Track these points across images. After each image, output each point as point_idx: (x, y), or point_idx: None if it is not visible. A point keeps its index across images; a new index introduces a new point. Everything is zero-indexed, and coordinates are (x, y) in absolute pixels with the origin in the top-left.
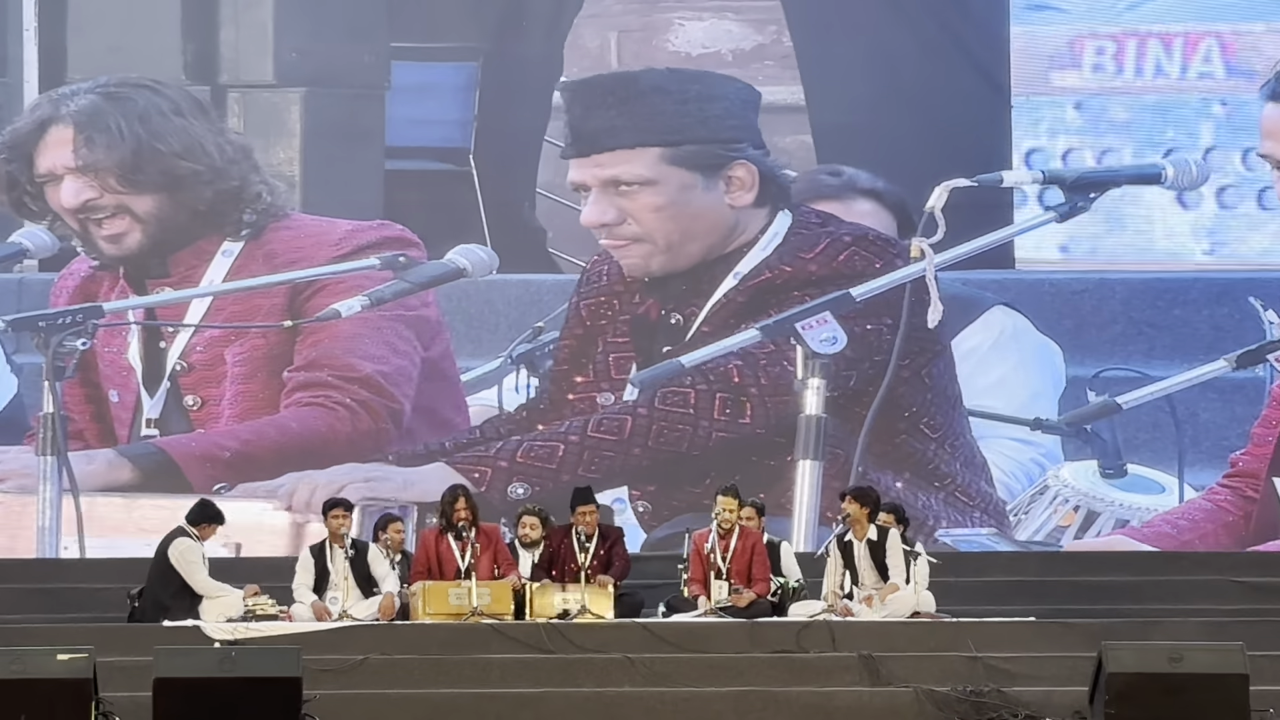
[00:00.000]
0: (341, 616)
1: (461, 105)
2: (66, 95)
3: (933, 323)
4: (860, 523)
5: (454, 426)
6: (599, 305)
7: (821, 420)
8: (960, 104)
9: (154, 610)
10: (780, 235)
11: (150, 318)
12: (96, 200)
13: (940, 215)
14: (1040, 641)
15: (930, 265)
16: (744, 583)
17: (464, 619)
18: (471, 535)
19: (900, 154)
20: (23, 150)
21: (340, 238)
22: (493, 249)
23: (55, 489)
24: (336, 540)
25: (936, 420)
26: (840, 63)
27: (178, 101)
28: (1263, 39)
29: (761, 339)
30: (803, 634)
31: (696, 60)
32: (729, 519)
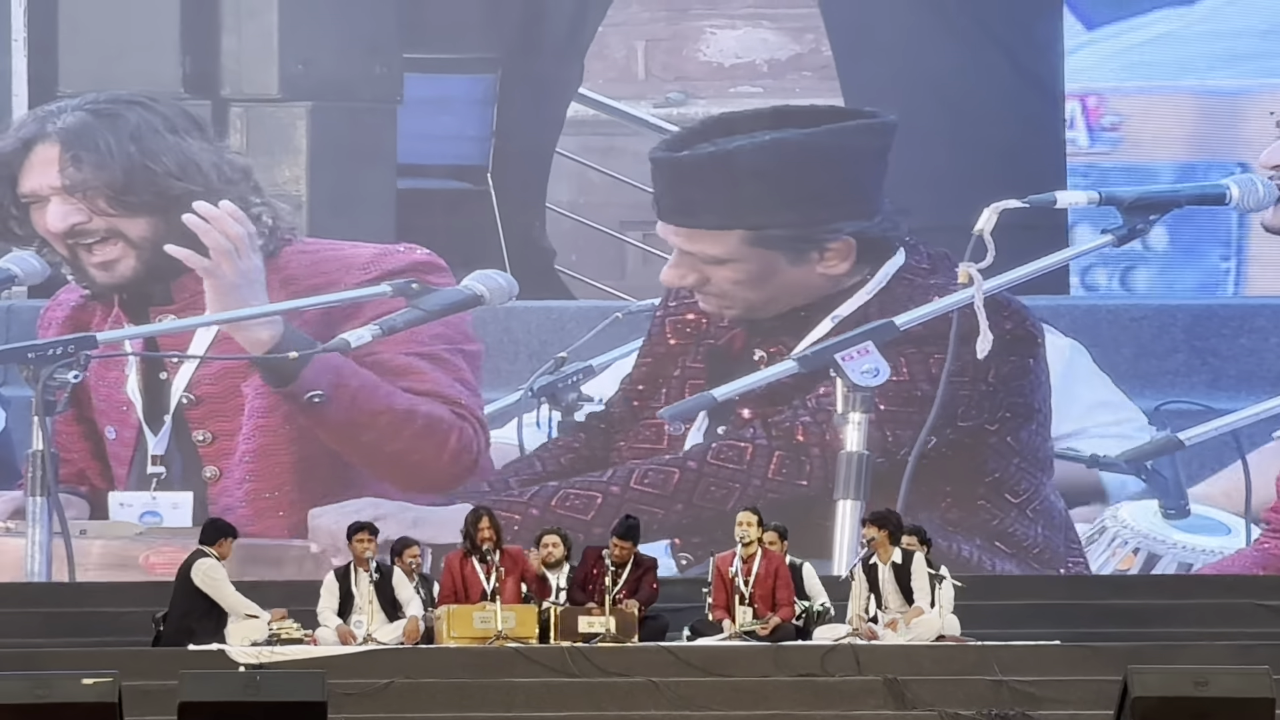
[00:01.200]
0: (366, 640)
1: (479, 120)
2: (54, 113)
3: (982, 353)
4: (884, 546)
5: None
6: (684, 324)
7: (863, 457)
8: (1011, 119)
9: (179, 634)
10: (888, 277)
11: (152, 347)
12: (85, 224)
13: (989, 238)
14: (1065, 665)
15: (979, 292)
16: (768, 606)
17: (489, 642)
18: (496, 558)
19: (947, 172)
20: (6, 171)
21: (368, 261)
22: (512, 274)
23: (45, 531)
24: (361, 564)
25: (1021, 486)
26: (883, 74)
27: (172, 118)
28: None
29: (800, 370)
30: (827, 657)
31: (729, 71)
32: (749, 534)
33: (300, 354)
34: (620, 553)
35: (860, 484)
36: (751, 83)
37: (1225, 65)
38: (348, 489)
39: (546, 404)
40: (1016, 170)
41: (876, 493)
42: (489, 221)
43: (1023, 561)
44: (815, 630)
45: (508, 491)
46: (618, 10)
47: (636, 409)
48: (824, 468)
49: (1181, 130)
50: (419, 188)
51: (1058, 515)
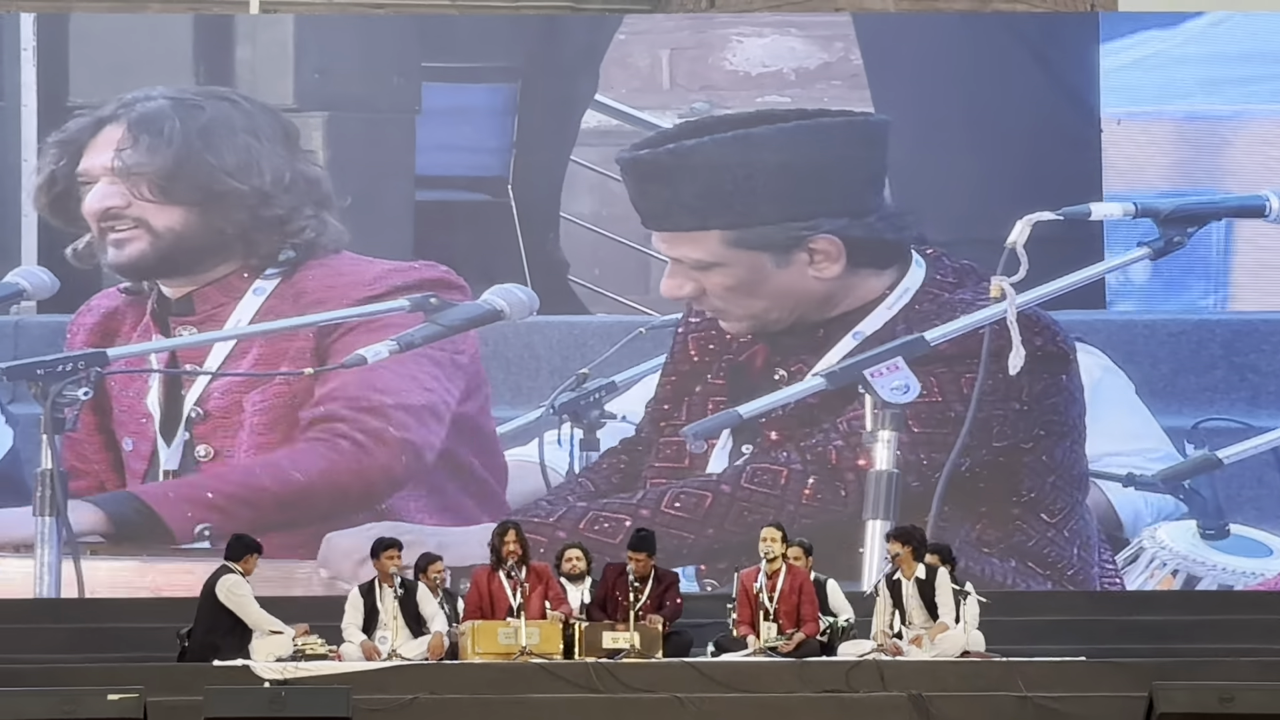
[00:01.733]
0: (391, 656)
1: (499, 130)
2: (140, 98)
3: (1014, 369)
4: (907, 562)
5: (489, 487)
6: (707, 340)
7: (893, 476)
8: (1045, 130)
9: (204, 650)
10: (912, 291)
11: (175, 360)
12: (121, 209)
13: (1023, 251)
14: (1090, 681)
15: (1011, 306)
16: (792, 623)
17: (513, 658)
18: (522, 574)
19: (980, 184)
20: (73, 147)
21: (374, 278)
22: (533, 288)
23: (54, 552)
24: (386, 580)
25: (1057, 505)
26: (915, 83)
27: (256, 120)
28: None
29: (828, 387)
30: (852, 673)
31: (756, 80)
32: (773, 550)
33: (316, 371)
34: (639, 566)
35: (890, 503)
36: (779, 92)
37: (1208, 91)
38: (345, 508)
39: (568, 421)
40: (1050, 182)
41: (908, 514)
42: (509, 234)
43: (1057, 584)
44: (840, 646)
45: (534, 513)
46: (641, 18)
47: (661, 429)
48: (859, 491)
49: (1165, 157)
50: (437, 200)
51: (1093, 536)
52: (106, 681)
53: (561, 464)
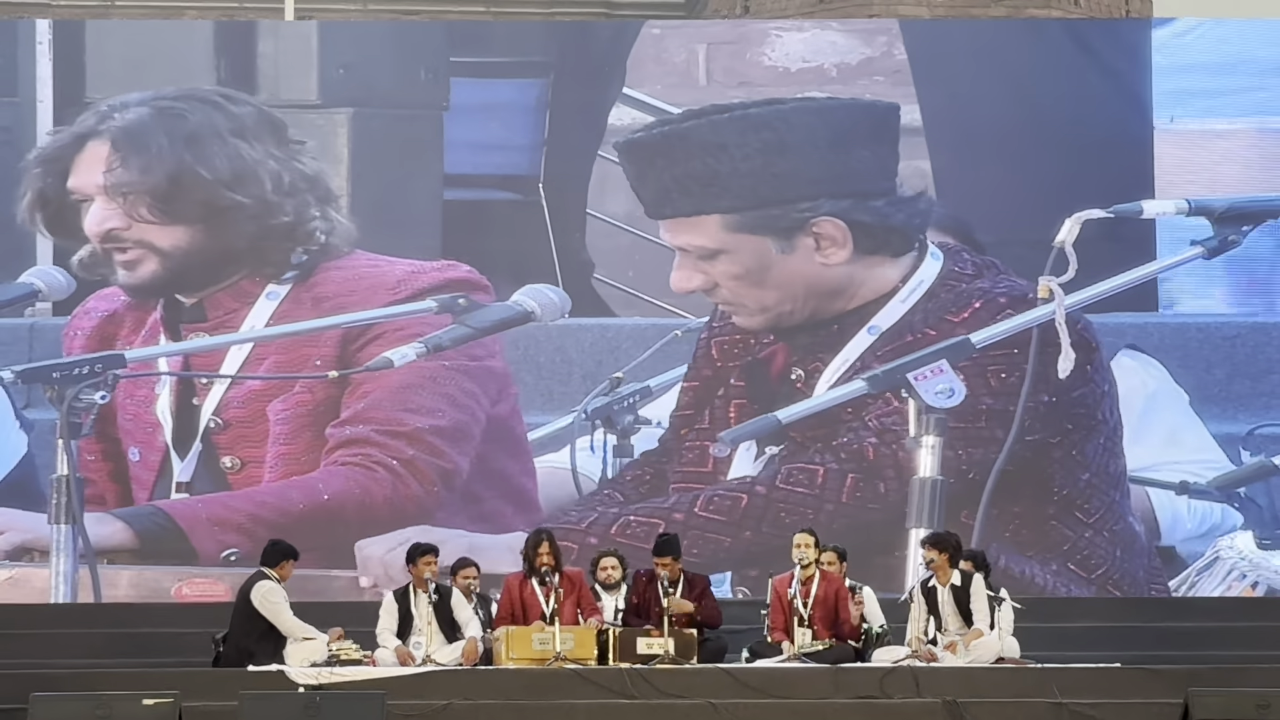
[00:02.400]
0: (425, 661)
1: (530, 127)
2: (116, 107)
3: (1064, 372)
4: (943, 569)
5: (522, 491)
6: (731, 345)
7: (937, 483)
8: (1097, 122)
9: (238, 655)
10: (927, 283)
11: (188, 367)
12: (122, 230)
13: (1071, 251)
14: (1126, 687)
15: (1060, 307)
16: (827, 628)
17: (547, 664)
18: (555, 580)
19: (1029, 183)
20: (59, 165)
21: (398, 280)
22: (564, 289)
23: (70, 561)
24: (420, 585)
25: (1093, 504)
26: (962, 79)
27: (242, 120)
28: None
29: (870, 391)
30: (886, 679)
31: (796, 76)
32: (806, 556)
33: (340, 374)
34: (667, 571)
35: (935, 512)
36: (820, 87)
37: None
38: (377, 518)
39: (601, 427)
40: (1100, 179)
41: (950, 518)
42: (539, 234)
43: (1100, 588)
44: (874, 652)
45: (564, 520)
46: (676, 10)
47: (683, 435)
48: (900, 491)
49: (1219, 160)
50: (466, 199)
51: (1138, 541)
52: (141, 686)
53: (594, 471)
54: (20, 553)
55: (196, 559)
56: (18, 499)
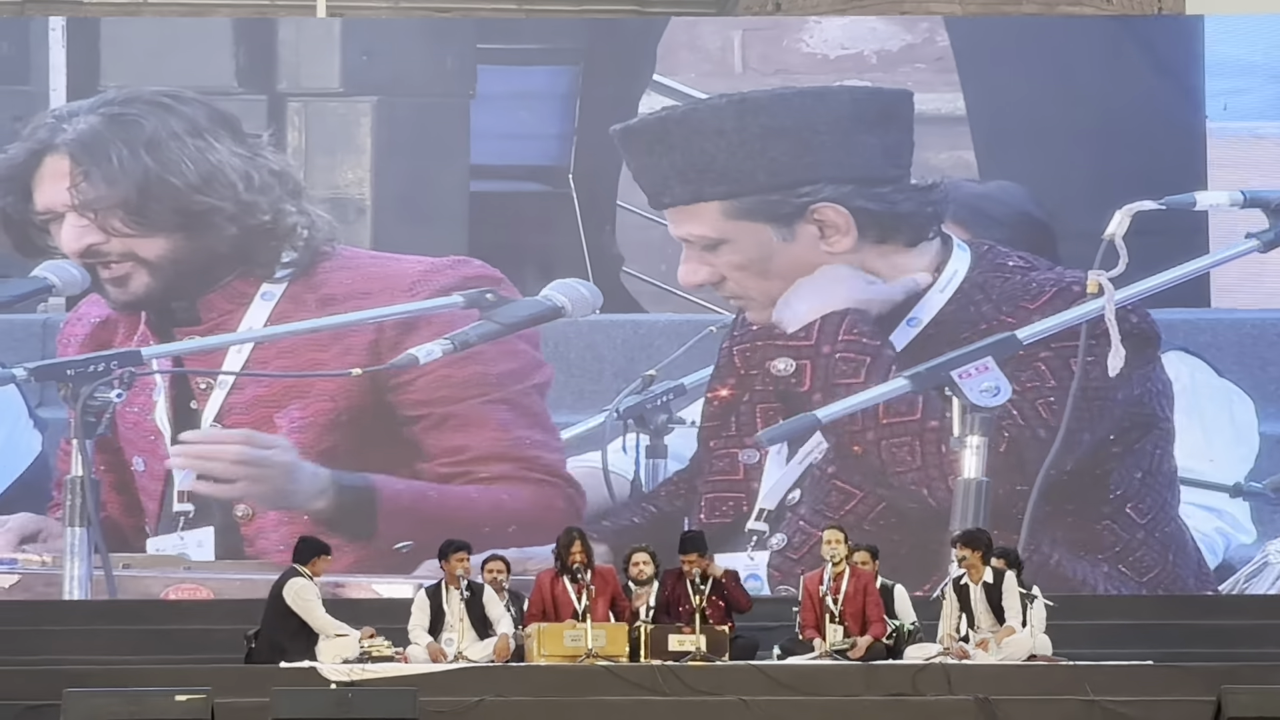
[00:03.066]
0: (457, 658)
1: (560, 116)
2: (64, 116)
3: (1114, 370)
4: (975, 566)
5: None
6: (753, 352)
7: (983, 485)
8: (1147, 115)
9: (270, 651)
10: (961, 273)
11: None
12: (101, 244)
13: (1121, 244)
14: (1158, 685)
15: (1110, 303)
16: (858, 625)
17: (579, 661)
18: (587, 577)
19: (1077, 172)
20: (19, 183)
21: (414, 280)
22: (595, 284)
23: (85, 566)
24: (452, 582)
25: (1146, 504)
26: (1007, 65)
27: (195, 120)
28: None
29: (912, 389)
30: (918, 677)
31: (834, 63)
32: (837, 553)
33: (364, 370)
34: (692, 568)
35: (980, 515)
36: (859, 75)
37: None
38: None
39: (634, 427)
40: (1151, 170)
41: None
42: (569, 227)
43: (1151, 591)
44: (906, 649)
45: (595, 528)
46: (708, 6)
47: (711, 447)
48: (945, 493)
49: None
50: (493, 190)
51: (1189, 544)
52: (174, 682)
53: (627, 472)
54: (31, 542)
55: (373, 536)
56: (31, 500)
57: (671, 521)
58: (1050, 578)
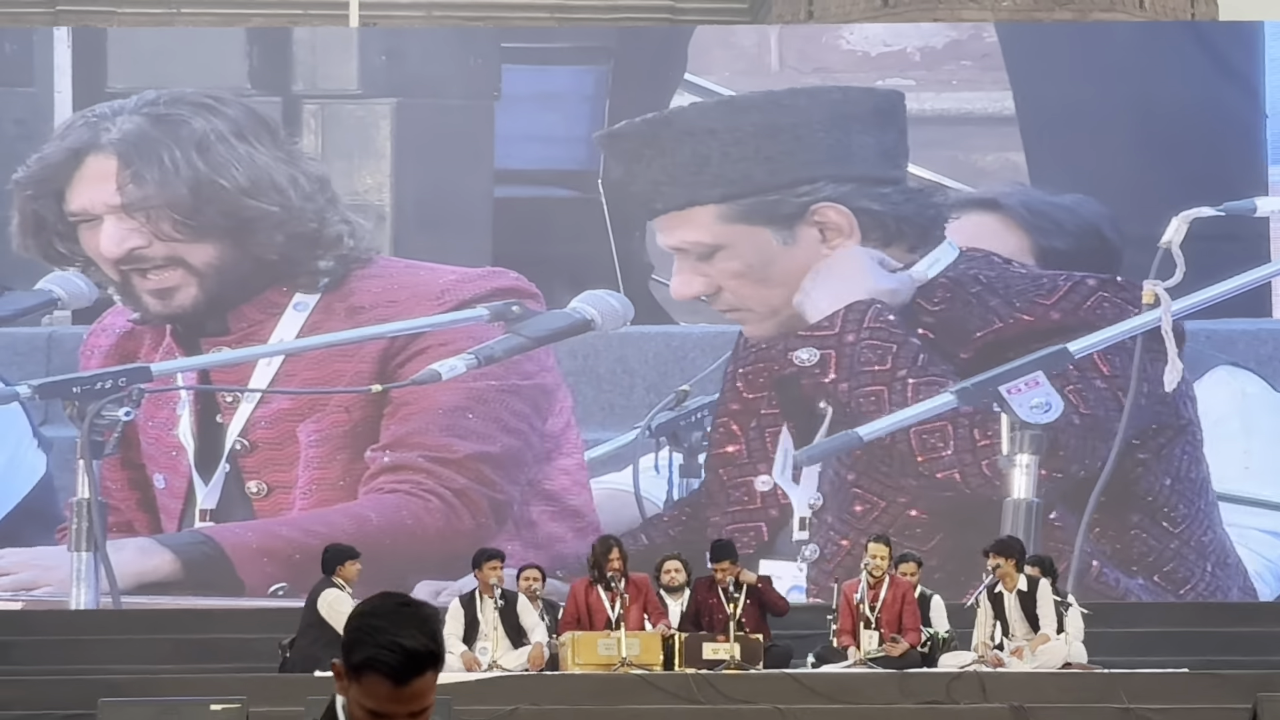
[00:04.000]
0: (491, 667)
1: (588, 118)
2: (106, 116)
3: (1170, 384)
4: (1009, 575)
5: (578, 514)
6: (755, 374)
7: (1033, 506)
8: (1205, 116)
9: (305, 661)
10: (944, 262)
11: (206, 383)
12: (145, 249)
13: (1179, 252)
14: (1193, 693)
15: (1166, 314)
16: (894, 632)
17: (613, 669)
18: (621, 586)
19: (1131, 176)
20: (53, 185)
21: (443, 289)
22: (626, 295)
23: (92, 592)
24: (486, 591)
25: (1178, 512)
26: (1058, 63)
27: (239, 122)
28: None
29: (958, 405)
30: (953, 685)
31: (875, 61)
32: (879, 566)
33: (385, 387)
34: (726, 575)
35: (1031, 538)
36: (902, 74)
37: None
38: (426, 565)
39: (667, 444)
40: (1210, 175)
41: None
42: (598, 234)
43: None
44: (941, 657)
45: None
46: (740, 15)
47: (721, 475)
48: (981, 482)
49: None
50: (519, 196)
51: (1230, 557)
52: (209, 692)
53: (659, 494)
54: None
55: (243, 590)
56: (35, 523)
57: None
58: (1091, 587)
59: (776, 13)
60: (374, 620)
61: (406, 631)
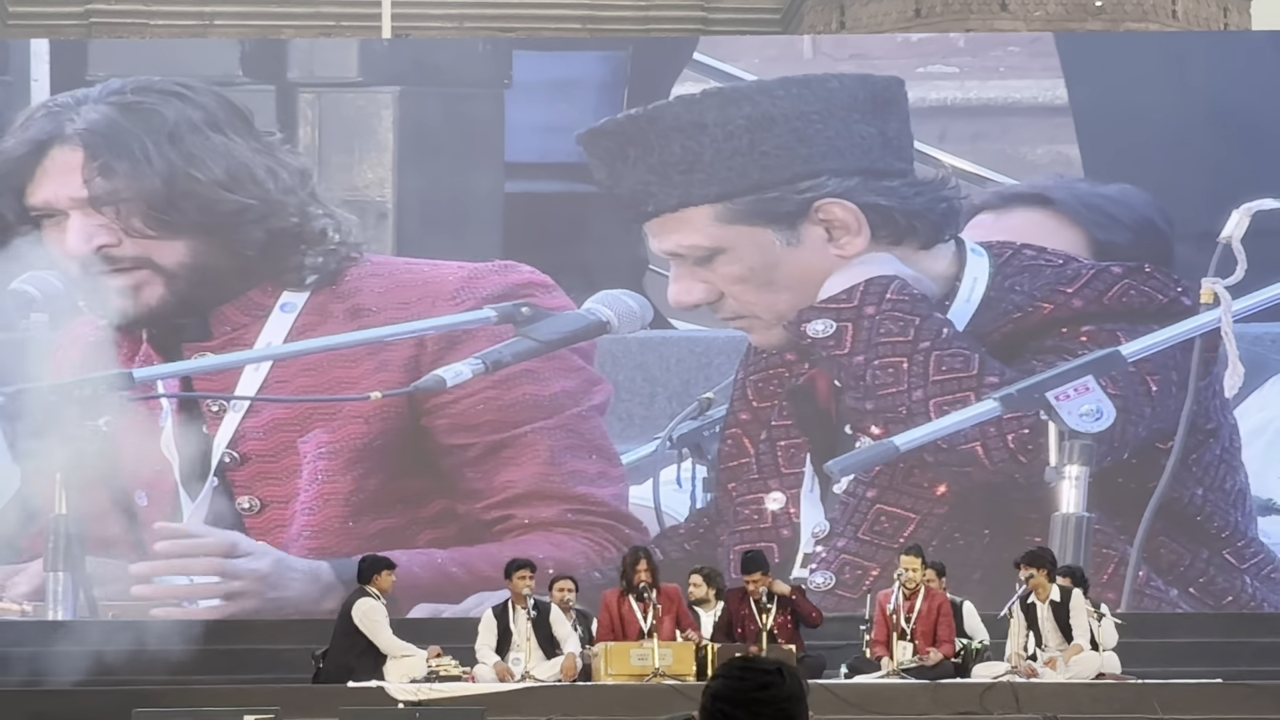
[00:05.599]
0: (524, 677)
1: (605, 106)
2: (70, 105)
3: (1232, 389)
4: (1041, 585)
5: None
6: (765, 381)
7: (1083, 521)
8: (1267, 110)
9: (338, 671)
10: (983, 281)
11: (189, 390)
12: (114, 248)
13: (1239, 247)
14: (1227, 703)
15: (1226, 313)
16: (928, 644)
17: (646, 680)
18: (653, 597)
19: (1189, 166)
20: (13, 180)
21: (458, 287)
22: (645, 296)
23: (69, 614)
24: (519, 601)
25: (1214, 523)
26: (1107, 48)
27: (213, 112)
28: None
29: (1002, 413)
30: (986, 695)
31: (916, 47)
32: (913, 578)
33: (385, 394)
34: (758, 586)
35: (1081, 555)
36: (945, 60)
37: None
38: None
39: (689, 456)
40: (1272, 165)
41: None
42: (615, 231)
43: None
44: (974, 668)
45: None
46: (772, 26)
47: (730, 490)
48: (1005, 457)
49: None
50: (531, 191)
51: (1276, 569)
52: (242, 702)
53: (680, 509)
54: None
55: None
56: (3, 543)
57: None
58: (1144, 598)
59: (809, 22)
60: (728, 708)
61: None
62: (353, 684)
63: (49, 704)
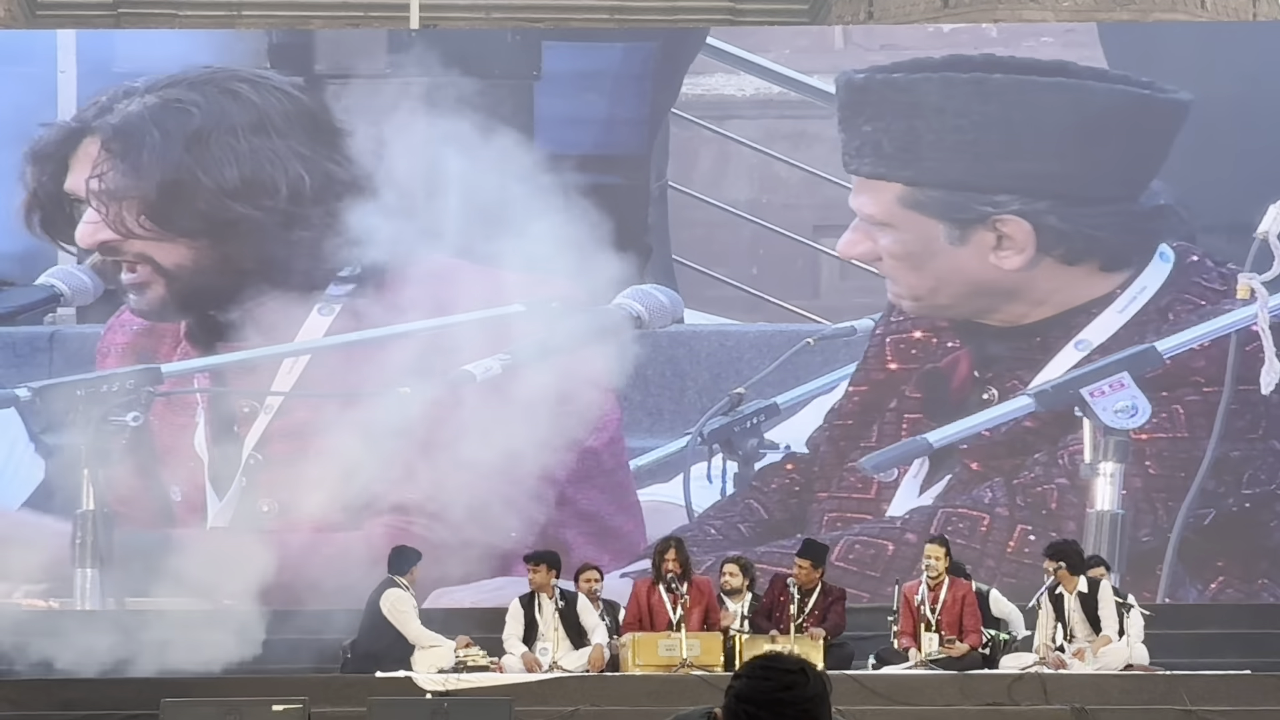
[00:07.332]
0: (552, 667)
1: (635, 98)
2: (117, 97)
3: (1268, 387)
4: (1066, 578)
5: (622, 534)
6: (908, 344)
7: (1116, 518)
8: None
9: (367, 661)
10: (1151, 290)
11: (221, 387)
12: (118, 244)
13: (1276, 242)
14: (1256, 694)
15: (1263, 310)
16: (954, 634)
17: (674, 670)
18: (683, 588)
19: (1227, 160)
20: (53, 164)
21: (491, 286)
22: (677, 290)
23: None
24: (545, 591)
25: (1255, 517)
26: (1148, 35)
27: (265, 112)
28: None
29: (1037, 409)
30: (1014, 686)
31: (949, 37)
32: (936, 568)
33: (410, 390)
34: (803, 574)
35: (1115, 552)
36: (975, 47)
37: None
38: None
39: (720, 452)
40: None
41: (1136, 570)
42: (643, 223)
43: None
44: (1002, 659)
45: None
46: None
47: (842, 449)
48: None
49: None
50: (559, 183)
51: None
52: (270, 692)
53: (711, 505)
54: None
55: None
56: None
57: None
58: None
59: (836, 13)
60: (752, 709)
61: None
62: (381, 674)
63: (75, 693)
